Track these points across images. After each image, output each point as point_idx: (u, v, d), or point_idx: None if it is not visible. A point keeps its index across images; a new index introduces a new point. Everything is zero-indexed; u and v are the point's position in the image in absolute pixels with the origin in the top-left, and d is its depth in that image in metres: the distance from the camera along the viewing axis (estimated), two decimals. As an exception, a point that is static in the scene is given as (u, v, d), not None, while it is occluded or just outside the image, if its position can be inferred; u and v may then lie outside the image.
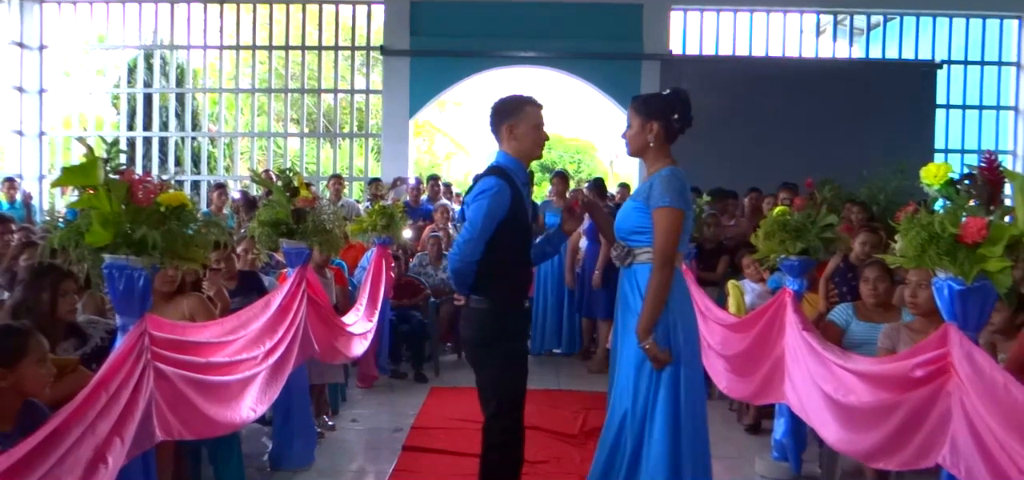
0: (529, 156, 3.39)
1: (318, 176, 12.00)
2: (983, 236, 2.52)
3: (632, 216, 3.21)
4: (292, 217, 4.37)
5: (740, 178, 8.51)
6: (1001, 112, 12.24)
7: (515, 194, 3.28)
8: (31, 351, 2.53)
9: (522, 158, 3.37)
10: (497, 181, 3.26)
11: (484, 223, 3.23)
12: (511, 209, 3.26)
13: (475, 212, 3.26)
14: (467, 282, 3.32)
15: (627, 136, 3.27)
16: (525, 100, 3.38)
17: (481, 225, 3.23)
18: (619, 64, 11.36)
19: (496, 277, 3.31)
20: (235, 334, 3.63)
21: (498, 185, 3.25)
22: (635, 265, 3.18)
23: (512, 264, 3.37)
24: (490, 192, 3.24)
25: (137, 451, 2.70)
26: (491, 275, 3.30)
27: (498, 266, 3.29)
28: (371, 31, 12.28)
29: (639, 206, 3.18)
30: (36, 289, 3.25)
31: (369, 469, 4.76)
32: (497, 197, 3.24)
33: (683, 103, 3.25)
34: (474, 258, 3.26)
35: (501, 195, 3.24)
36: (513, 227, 3.30)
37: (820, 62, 12.39)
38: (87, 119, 12.73)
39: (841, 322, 4.33)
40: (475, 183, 3.41)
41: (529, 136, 3.34)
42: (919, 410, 2.89)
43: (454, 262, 3.33)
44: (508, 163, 3.35)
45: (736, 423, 5.64)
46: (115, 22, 12.36)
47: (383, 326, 6.45)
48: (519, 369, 3.42)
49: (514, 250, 3.35)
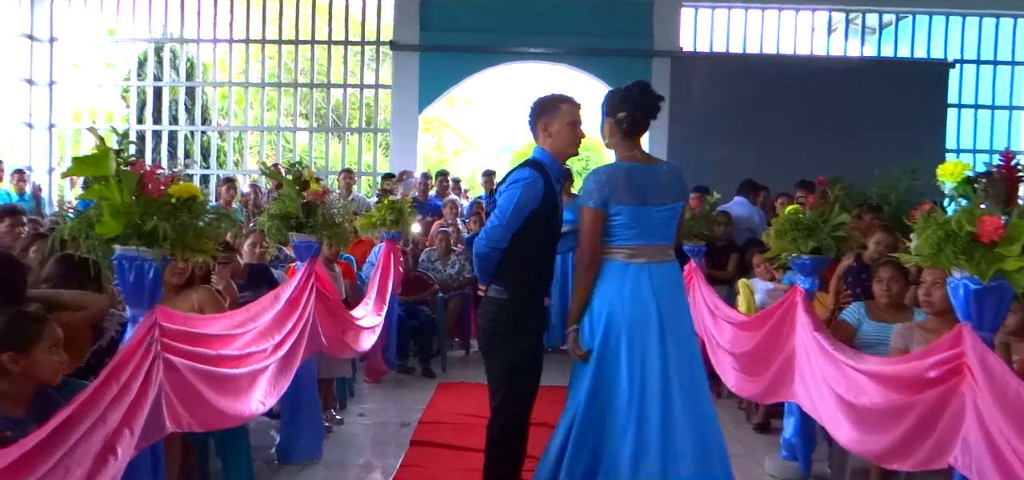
0: (564, 153, 3.40)
1: (327, 171, 11.98)
2: (1000, 235, 2.50)
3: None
4: (302, 211, 4.37)
5: (749, 176, 8.46)
6: (1014, 112, 12.15)
7: (548, 188, 3.30)
8: (45, 337, 2.54)
9: (557, 155, 3.39)
10: (532, 172, 3.29)
11: (514, 211, 3.25)
12: (543, 202, 3.28)
13: (507, 200, 3.27)
14: (488, 270, 3.34)
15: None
16: (561, 98, 3.41)
17: (511, 213, 3.25)
18: (629, 61, 11.30)
19: (517, 269, 3.32)
20: (244, 327, 3.63)
21: (532, 176, 3.28)
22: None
23: (535, 258, 3.37)
24: (523, 181, 3.27)
25: (146, 442, 2.69)
26: (513, 266, 3.32)
27: (522, 258, 3.31)
28: (381, 26, 12.26)
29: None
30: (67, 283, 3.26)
31: (376, 463, 4.76)
32: (530, 187, 3.26)
33: (634, 100, 3.29)
34: (501, 245, 3.28)
35: (534, 186, 3.26)
36: (542, 220, 3.31)
37: (831, 61, 12.31)
38: (97, 112, 12.73)
39: (853, 322, 4.30)
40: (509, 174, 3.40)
41: (564, 134, 3.36)
42: (932, 411, 2.86)
43: (480, 246, 3.33)
44: (544, 158, 3.37)
45: (745, 422, 5.62)
46: (125, 15, 12.37)
47: (391, 321, 6.46)
48: (529, 364, 3.39)
49: (540, 244, 3.36)
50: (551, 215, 3.35)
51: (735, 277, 6.48)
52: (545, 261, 3.45)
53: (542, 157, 3.37)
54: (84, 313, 3.19)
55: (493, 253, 3.30)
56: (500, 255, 3.30)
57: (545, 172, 3.32)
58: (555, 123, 3.35)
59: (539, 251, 3.38)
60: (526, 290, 3.38)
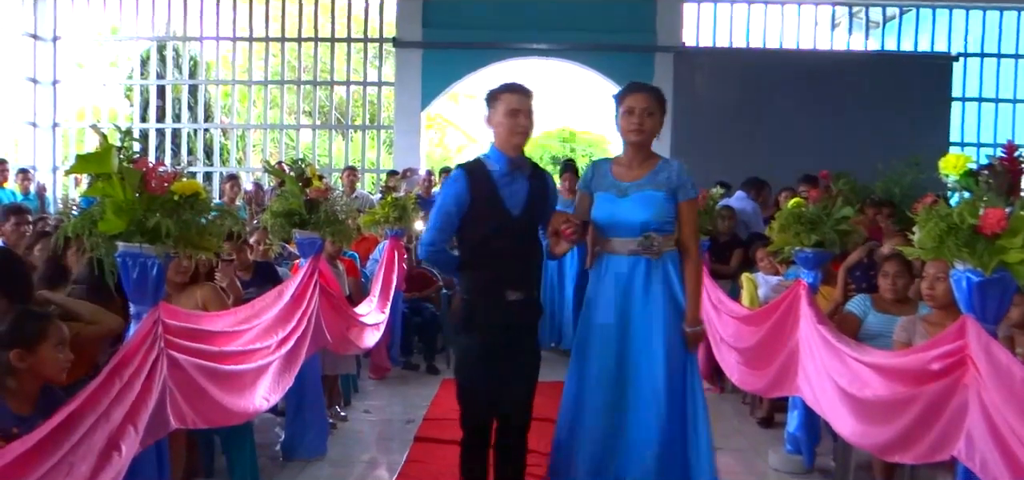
0: (506, 144, 3.24)
1: (330, 168, 12.00)
2: (1003, 227, 2.49)
3: (663, 206, 3.25)
4: (305, 207, 4.37)
5: (752, 171, 8.45)
6: (1018, 105, 12.11)
7: (476, 185, 3.22)
8: (50, 335, 2.58)
9: (501, 147, 3.26)
10: (458, 171, 3.30)
11: (435, 214, 3.31)
12: (471, 201, 3.22)
13: (434, 204, 3.38)
14: (445, 270, 3.39)
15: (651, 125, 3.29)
16: (503, 87, 3.29)
17: (433, 216, 3.31)
18: (632, 56, 11.30)
19: (467, 266, 3.32)
20: (248, 323, 3.63)
21: (455, 175, 3.30)
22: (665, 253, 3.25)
23: (485, 256, 3.25)
24: (446, 183, 3.35)
25: (151, 439, 2.70)
26: (464, 264, 3.33)
27: (469, 255, 3.31)
28: (383, 23, 12.26)
29: (659, 196, 3.25)
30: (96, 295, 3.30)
31: (381, 460, 4.76)
32: (449, 187, 3.29)
33: None
34: (432, 247, 3.30)
35: (454, 186, 3.26)
36: (477, 219, 3.24)
37: (835, 54, 12.29)
38: (100, 111, 12.76)
39: (859, 313, 4.30)
40: None
41: (503, 124, 3.22)
42: (935, 403, 2.86)
43: (421, 252, 3.40)
44: (488, 153, 3.31)
45: (749, 416, 5.62)
46: (128, 14, 12.39)
47: (395, 318, 6.46)
48: (479, 364, 3.34)
49: (483, 241, 3.24)
50: (488, 211, 3.22)
51: (739, 272, 6.47)
52: (498, 257, 3.24)
53: (487, 153, 3.31)
54: (95, 328, 3.27)
55: (432, 256, 3.33)
56: (447, 255, 3.35)
57: (480, 169, 3.26)
58: (495, 114, 3.25)
59: (489, 247, 3.24)
60: (478, 287, 3.29)
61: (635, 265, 3.25)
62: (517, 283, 3.27)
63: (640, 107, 3.25)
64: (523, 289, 3.28)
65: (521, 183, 3.27)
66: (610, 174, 3.36)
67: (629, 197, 3.27)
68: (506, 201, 3.24)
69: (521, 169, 3.28)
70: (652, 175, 3.28)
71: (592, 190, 3.39)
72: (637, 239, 3.23)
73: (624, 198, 3.28)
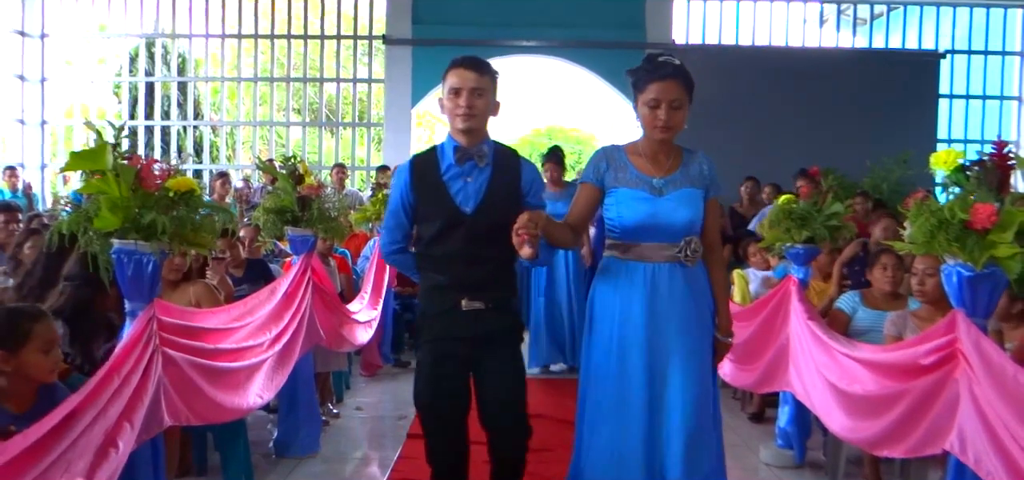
0: (453, 127, 2.91)
1: (319, 166, 11.97)
2: (993, 222, 2.52)
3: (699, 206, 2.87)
4: (297, 205, 4.37)
5: (740, 167, 8.49)
6: (1004, 102, 12.21)
7: (421, 179, 2.94)
8: (35, 337, 2.49)
9: (452, 132, 2.93)
10: (403, 164, 3.08)
11: (387, 212, 3.11)
12: (416, 196, 2.95)
13: None
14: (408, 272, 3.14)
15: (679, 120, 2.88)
16: (450, 64, 2.98)
17: (386, 214, 3.12)
18: (622, 53, 11.27)
19: (421, 270, 3.05)
20: (242, 321, 3.63)
21: (399, 169, 3.09)
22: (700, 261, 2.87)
23: (435, 259, 2.95)
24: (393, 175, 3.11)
25: (146, 436, 2.70)
26: (419, 267, 3.06)
27: (420, 260, 3.04)
28: (373, 20, 12.24)
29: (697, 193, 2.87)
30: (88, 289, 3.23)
31: (374, 456, 4.77)
32: (394, 180, 3.09)
33: None
34: (385, 246, 3.13)
35: (396, 180, 3.06)
36: (425, 217, 2.96)
37: (823, 52, 12.37)
38: (89, 108, 12.71)
39: (848, 309, 4.33)
40: None
41: (448, 106, 2.90)
42: (926, 397, 2.89)
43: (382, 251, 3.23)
44: (442, 143, 2.99)
45: (740, 411, 5.65)
46: (116, 11, 12.34)
47: (386, 315, 6.46)
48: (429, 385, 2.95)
49: (431, 243, 2.95)
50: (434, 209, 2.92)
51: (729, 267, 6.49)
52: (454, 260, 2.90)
53: (445, 140, 2.99)
54: None
55: (391, 257, 3.14)
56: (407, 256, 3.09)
57: (426, 160, 2.98)
58: (444, 96, 2.93)
59: (438, 249, 2.92)
60: (426, 293, 3.02)
61: (671, 275, 2.80)
62: (475, 291, 2.88)
63: (667, 100, 2.81)
64: (483, 298, 2.88)
65: (478, 175, 2.91)
66: (632, 166, 2.86)
67: (666, 195, 2.81)
68: (455, 196, 2.89)
69: (477, 159, 2.91)
70: (684, 169, 2.88)
71: (606, 185, 2.87)
72: (678, 244, 2.79)
73: (661, 197, 2.81)
